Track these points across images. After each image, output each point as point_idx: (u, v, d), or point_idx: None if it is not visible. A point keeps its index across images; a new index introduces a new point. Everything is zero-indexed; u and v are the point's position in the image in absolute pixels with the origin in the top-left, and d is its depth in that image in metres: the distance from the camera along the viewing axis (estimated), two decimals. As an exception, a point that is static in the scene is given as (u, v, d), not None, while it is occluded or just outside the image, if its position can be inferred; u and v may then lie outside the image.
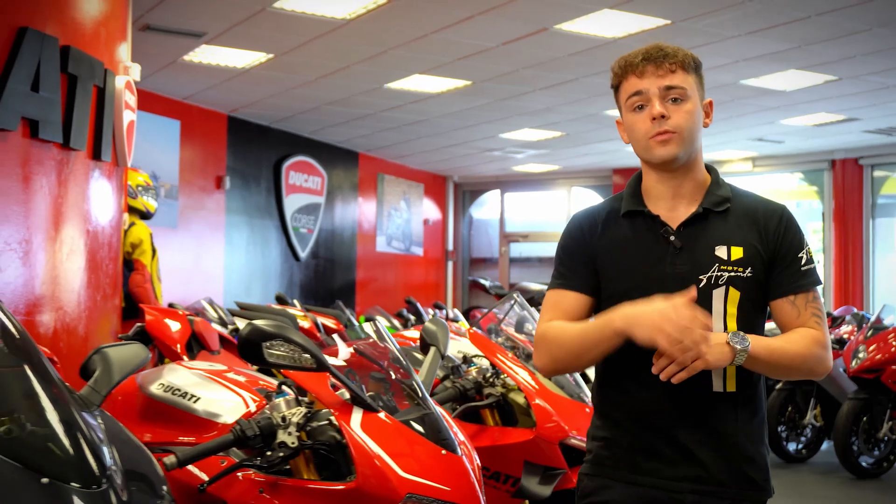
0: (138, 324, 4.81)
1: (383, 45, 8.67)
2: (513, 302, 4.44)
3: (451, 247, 17.78)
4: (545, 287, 15.07)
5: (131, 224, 6.81)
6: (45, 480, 1.73)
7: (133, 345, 2.19)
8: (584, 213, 2.38)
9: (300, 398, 2.50)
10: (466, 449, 2.58)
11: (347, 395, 2.48)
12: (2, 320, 1.94)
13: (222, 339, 5.67)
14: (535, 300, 14.56)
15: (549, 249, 17.62)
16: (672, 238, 2.23)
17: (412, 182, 16.45)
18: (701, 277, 2.20)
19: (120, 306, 6.15)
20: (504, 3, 7.36)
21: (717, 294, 2.20)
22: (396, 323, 10.33)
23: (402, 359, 2.66)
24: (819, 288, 2.28)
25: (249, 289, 12.39)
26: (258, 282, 12.67)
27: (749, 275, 2.21)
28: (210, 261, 11.79)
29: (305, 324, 6.97)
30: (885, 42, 8.30)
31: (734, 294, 2.20)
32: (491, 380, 3.55)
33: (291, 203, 13.15)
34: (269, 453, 2.35)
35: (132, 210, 6.91)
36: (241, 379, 2.74)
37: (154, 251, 6.95)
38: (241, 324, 6.36)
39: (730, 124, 11.84)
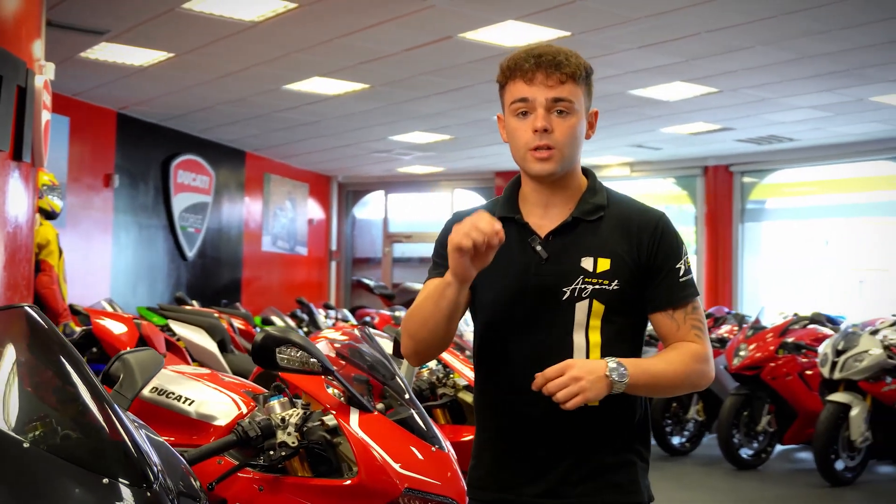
0: (82, 328, 4.79)
1: (287, 48, 8.73)
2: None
3: (334, 247, 17.84)
4: (430, 287, 15.30)
5: (38, 224, 6.71)
6: (105, 481, 1.83)
7: (148, 350, 2.29)
8: (464, 213, 2.27)
9: (294, 400, 2.63)
10: (448, 445, 2.76)
11: (342, 397, 2.62)
12: (41, 325, 2.02)
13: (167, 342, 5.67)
14: (419, 300, 14.75)
15: (432, 250, 17.91)
16: (538, 248, 2.19)
17: (297, 182, 16.45)
18: (564, 289, 2.15)
19: (31, 308, 6.07)
20: (413, 11, 7.54)
21: (581, 307, 2.15)
22: (291, 323, 10.39)
23: (387, 361, 2.81)
24: (699, 298, 2.25)
25: (136, 289, 12.22)
26: (145, 281, 12.50)
27: (615, 287, 2.15)
28: (97, 260, 11.59)
29: (223, 325, 7.01)
30: (766, 58, 8.82)
31: (598, 307, 2.15)
32: (443, 380, 3.73)
33: (179, 202, 13.02)
34: (271, 453, 2.47)
35: (38, 210, 6.80)
36: (228, 381, 2.84)
37: (60, 252, 6.87)
38: (177, 327, 6.34)
39: (612, 131, 12.31)
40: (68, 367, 1.96)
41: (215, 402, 2.67)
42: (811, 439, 7.94)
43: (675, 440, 8.87)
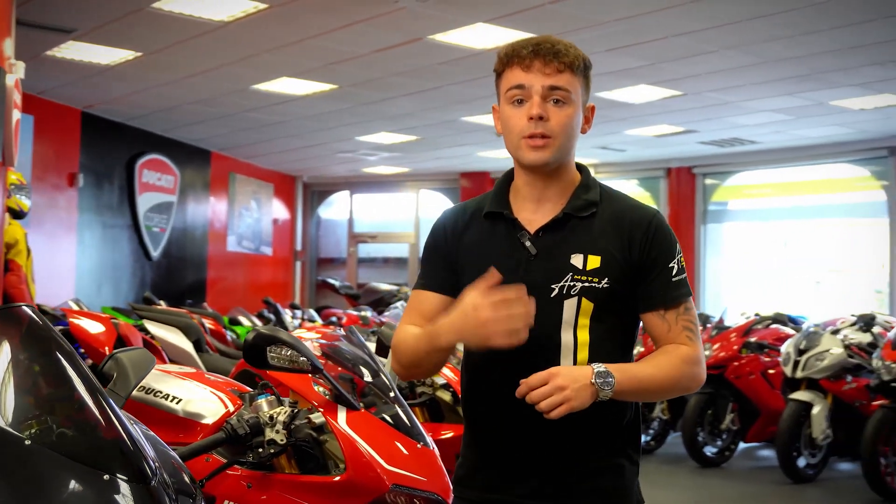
0: (59, 327, 4.78)
1: (256, 48, 8.74)
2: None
3: (299, 247, 17.82)
4: (394, 287, 15.28)
5: (7, 224, 6.68)
6: (105, 477, 1.86)
7: (140, 349, 2.32)
8: (451, 211, 2.32)
9: (281, 398, 2.67)
10: (432, 442, 2.81)
11: (329, 395, 2.67)
12: (40, 324, 2.04)
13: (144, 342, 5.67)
14: (384, 300, 14.90)
15: (397, 250, 17.97)
16: (528, 244, 2.15)
17: (262, 182, 16.43)
18: (553, 286, 2.11)
19: (0, 307, 6.05)
20: (384, 13, 7.58)
21: (569, 304, 2.11)
22: (259, 323, 10.38)
23: (371, 360, 2.86)
24: (691, 298, 2.19)
25: (101, 289, 12.15)
26: (109, 281, 12.43)
27: (605, 285, 2.11)
28: (62, 260, 11.50)
29: (197, 325, 7.00)
30: (730, 62, 8.95)
31: (587, 305, 2.11)
32: (422, 379, 3.78)
33: (144, 202, 12.95)
34: (260, 450, 2.51)
35: (6, 209, 6.77)
36: (213, 380, 2.88)
37: (29, 251, 6.84)
38: (153, 327, 6.34)
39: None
40: (67, 367, 1.98)
41: (202, 400, 2.70)
42: (773, 437, 8.09)
43: (641, 438, 8.97)
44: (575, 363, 2.12)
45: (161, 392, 2.68)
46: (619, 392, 2.03)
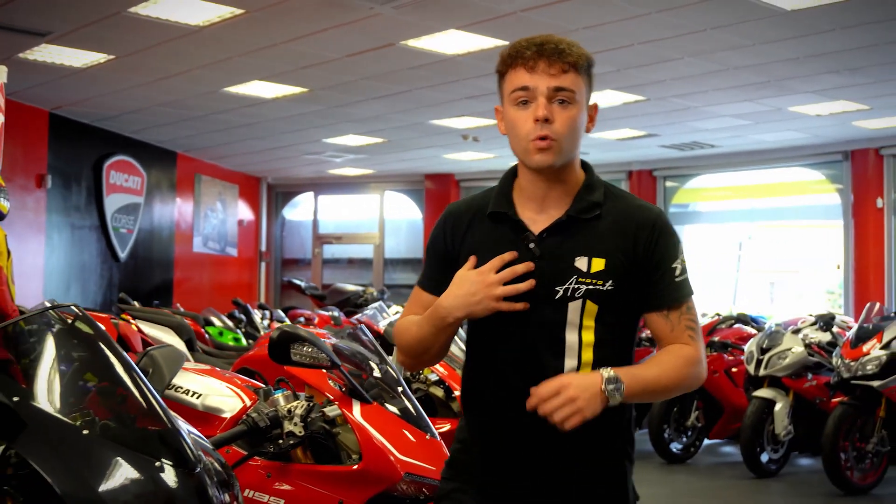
0: None
1: (230, 52, 8.83)
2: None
3: (264, 248, 17.88)
4: (360, 288, 15.37)
5: (-13, 226, 6.71)
6: (157, 464, 2.01)
7: (170, 347, 2.46)
8: (454, 208, 2.31)
9: (297, 393, 2.82)
10: (437, 433, 2.97)
11: (343, 390, 2.82)
12: (92, 323, 2.18)
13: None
14: (350, 301, 15.02)
15: (362, 251, 18.08)
16: (531, 246, 2.15)
17: (227, 183, 16.47)
18: (557, 289, 2.12)
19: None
20: (360, 18, 7.72)
21: (574, 307, 2.12)
22: (230, 324, 10.46)
23: (380, 356, 3.02)
24: (694, 297, 2.22)
25: (69, 289, 12.15)
26: (77, 282, 12.44)
27: (610, 287, 2.13)
28: (30, 261, 11.50)
29: (189, 325, 7.08)
30: (693, 69, 9.21)
31: (591, 307, 2.12)
32: (415, 375, 3.94)
33: (112, 203, 12.97)
34: (279, 442, 2.66)
35: (-14, 211, 6.80)
36: (228, 376, 3.02)
37: (9, 253, 6.87)
38: (146, 327, 6.42)
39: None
40: (118, 364, 2.13)
41: (220, 395, 2.84)
42: (736, 433, 8.34)
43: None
44: (580, 363, 2.14)
45: (181, 387, 2.81)
46: (628, 396, 2.06)
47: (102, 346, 2.14)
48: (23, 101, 11.16)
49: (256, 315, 11.40)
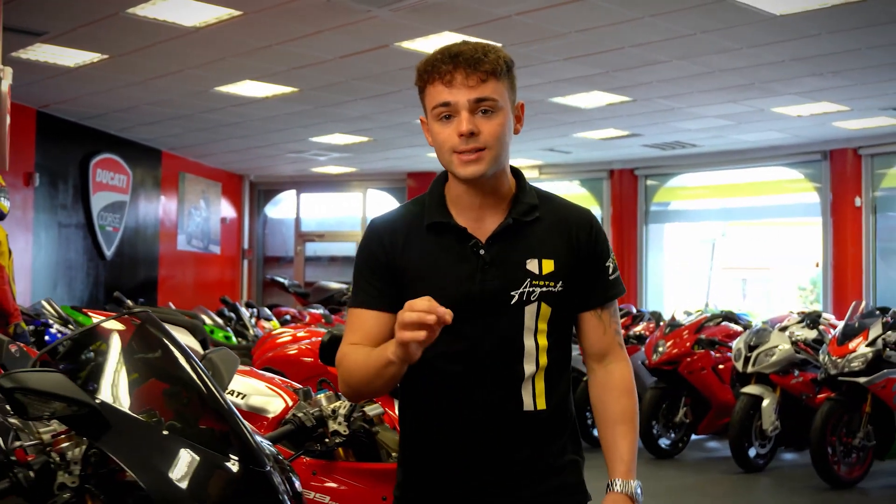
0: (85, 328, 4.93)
1: (224, 52, 8.90)
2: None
3: (246, 245, 17.92)
4: (343, 286, 15.43)
5: (-11, 226, 6.78)
6: (231, 461, 2.11)
7: (225, 350, 2.56)
8: (383, 222, 2.22)
9: (338, 393, 2.92)
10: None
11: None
12: (164, 329, 2.28)
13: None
14: (333, 299, 15.10)
15: (344, 249, 18.15)
16: (482, 252, 2.10)
17: (211, 181, 16.50)
18: (513, 294, 2.10)
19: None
20: (357, 21, 7.81)
21: (529, 311, 2.10)
22: (220, 321, 10.52)
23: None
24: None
25: (56, 288, 12.16)
26: (63, 280, 12.45)
27: (560, 289, 2.12)
28: (18, 260, 11.45)
29: (202, 325, 7.11)
30: (680, 71, 9.38)
31: (545, 310, 2.11)
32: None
33: (98, 201, 12.99)
34: (326, 440, 2.76)
35: (-12, 211, 6.87)
36: (268, 377, 3.11)
37: (10, 252, 6.94)
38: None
39: (527, 136, 12.77)
40: (187, 366, 2.23)
41: (263, 395, 2.94)
42: (723, 429, 8.52)
43: (595, 432, 9.31)
44: (537, 367, 2.13)
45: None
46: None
47: (173, 348, 2.24)
48: (11, 100, 11.14)
49: (245, 313, 11.48)
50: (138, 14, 7.72)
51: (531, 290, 2.10)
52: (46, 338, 7.38)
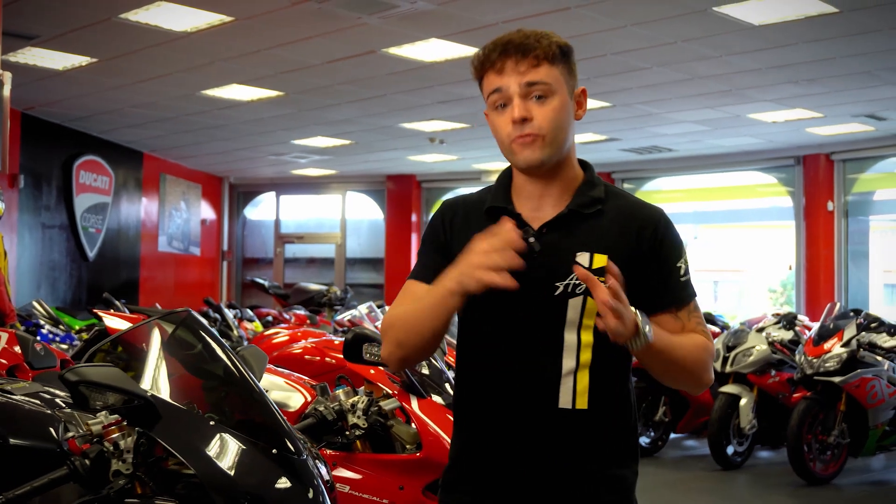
0: (97, 328, 5.04)
1: (213, 56, 9.01)
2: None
3: (226, 247, 17.99)
4: (323, 287, 15.53)
5: (-15, 227, 6.86)
6: (274, 451, 2.27)
7: (254, 347, 2.71)
8: (452, 202, 2.22)
9: (356, 389, 3.08)
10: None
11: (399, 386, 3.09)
12: (207, 327, 2.43)
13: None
14: (314, 300, 15.21)
15: (323, 250, 18.26)
16: (531, 240, 2.04)
17: (191, 182, 16.57)
18: (557, 284, 2.03)
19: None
20: (347, 27, 7.95)
21: (574, 303, 2.02)
22: (205, 322, 10.60)
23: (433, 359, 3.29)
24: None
25: (39, 289, 12.21)
26: (47, 282, 12.50)
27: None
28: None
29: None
30: (661, 78, 9.59)
31: (592, 305, 1.97)
32: (412, 365, 4.19)
33: (81, 202, 13.05)
34: (346, 433, 2.92)
35: (-17, 213, 6.95)
36: (286, 373, 3.27)
37: (5, 254, 7.02)
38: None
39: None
40: (228, 362, 2.38)
41: (284, 391, 3.10)
42: (701, 427, 8.72)
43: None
44: (577, 364, 2.05)
45: (248, 385, 3.05)
46: (654, 344, 1.95)
47: (215, 346, 2.40)
48: (-3, 102, 11.20)
49: (229, 314, 11.58)
50: (131, 19, 7.82)
51: (577, 282, 2.01)
52: (38, 338, 7.46)
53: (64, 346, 7.25)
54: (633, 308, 1.91)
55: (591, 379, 2.06)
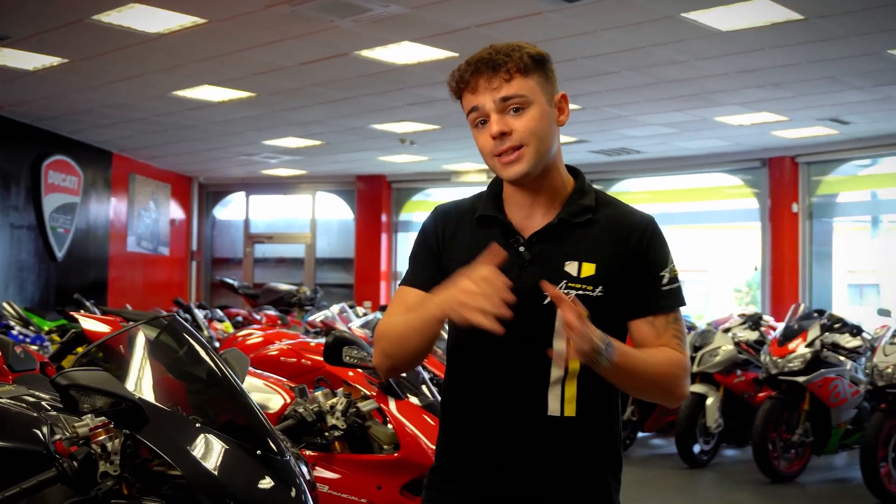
0: (73, 330, 5.05)
1: (185, 58, 9.02)
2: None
3: (195, 247, 17.95)
4: (293, 287, 15.56)
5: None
6: (258, 452, 2.33)
7: (236, 350, 2.77)
8: (444, 209, 2.25)
9: (334, 391, 3.14)
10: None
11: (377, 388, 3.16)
12: (192, 332, 2.49)
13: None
14: (283, 300, 15.22)
15: (292, 250, 18.26)
16: (521, 249, 2.08)
17: (160, 182, 16.52)
18: (545, 294, 2.00)
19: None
20: (319, 30, 8.00)
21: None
22: (191, 328, 10.59)
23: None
24: (683, 309, 2.15)
25: (7, 289, 12.15)
26: (14, 282, 12.44)
27: (600, 294, 2.06)
28: (-30, 261, 11.49)
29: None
30: (629, 81, 9.71)
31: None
32: (403, 372, 4.27)
33: (50, 202, 12.99)
34: (326, 434, 2.98)
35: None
36: (265, 375, 3.32)
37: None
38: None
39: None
40: (212, 364, 2.44)
41: (264, 392, 3.16)
42: (668, 426, 8.85)
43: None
44: (566, 373, 2.07)
45: (228, 386, 3.11)
46: (617, 363, 1.95)
47: (198, 348, 2.45)
48: (-36, 101, 11.16)
49: (200, 315, 11.57)
50: (103, 21, 7.83)
51: (566, 291, 2.02)
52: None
53: (34, 347, 7.24)
54: (597, 330, 1.92)
55: (580, 387, 2.08)
